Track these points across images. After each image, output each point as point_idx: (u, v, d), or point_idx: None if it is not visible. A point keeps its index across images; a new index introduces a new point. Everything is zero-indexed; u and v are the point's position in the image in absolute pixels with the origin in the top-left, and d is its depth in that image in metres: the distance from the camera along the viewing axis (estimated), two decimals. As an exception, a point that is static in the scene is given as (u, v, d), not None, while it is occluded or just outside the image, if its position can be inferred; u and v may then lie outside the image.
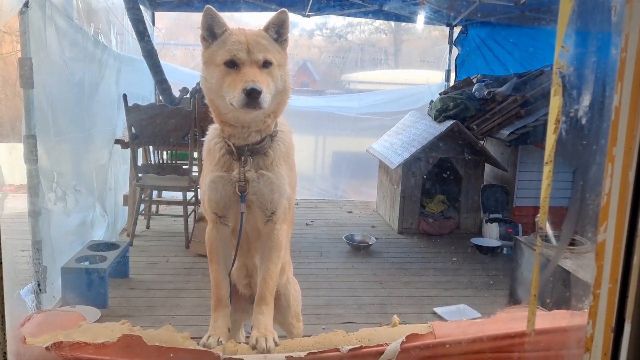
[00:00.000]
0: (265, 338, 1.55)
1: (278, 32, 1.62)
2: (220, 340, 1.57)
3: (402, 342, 1.53)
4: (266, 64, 1.56)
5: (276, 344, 1.56)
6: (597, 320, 1.03)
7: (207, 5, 1.58)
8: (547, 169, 1.05)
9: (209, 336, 1.58)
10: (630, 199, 0.96)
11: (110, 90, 4.58)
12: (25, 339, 1.23)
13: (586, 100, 1.06)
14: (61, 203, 3.47)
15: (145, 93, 5.69)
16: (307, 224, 5.86)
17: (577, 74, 1.05)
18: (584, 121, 1.06)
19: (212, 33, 1.59)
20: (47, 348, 1.16)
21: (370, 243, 5.10)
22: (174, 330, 1.58)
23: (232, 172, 1.65)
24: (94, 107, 4.23)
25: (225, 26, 1.59)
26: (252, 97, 1.47)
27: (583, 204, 1.06)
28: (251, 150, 1.64)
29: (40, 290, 3.07)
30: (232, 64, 1.54)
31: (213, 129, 1.75)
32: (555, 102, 1.04)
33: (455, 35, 6.96)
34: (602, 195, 1.03)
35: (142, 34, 4.84)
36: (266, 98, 1.50)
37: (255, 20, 7.43)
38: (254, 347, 1.54)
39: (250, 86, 1.46)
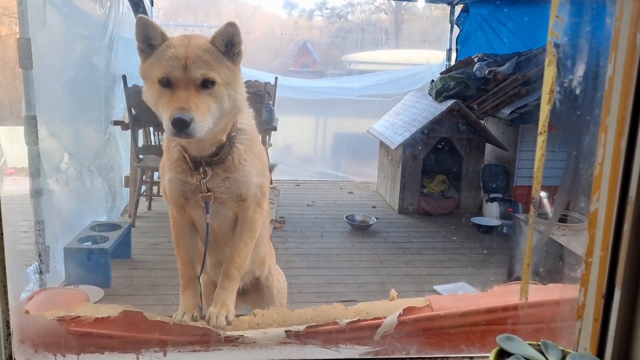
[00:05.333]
0: (218, 315, 1.46)
1: (227, 44, 1.39)
2: (195, 316, 1.49)
3: (400, 315, 1.55)
4: (207, 83, 1.35)
5: (228, 323, 1.46)
6: (588, 287, 1.05)
7: (139, 15, 1.40)
8: (540, 139, 1.06)
9: (184, 313, 1.49)
10: (622, 167, 0.97)
11: (109, 70, 4.56)
12: (28, 312, 1.25)
13: (580, 70, 1.07)
14: (74, 183, 3.50)
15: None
16: (307, 205, 5.88)
17: (572, 44, 1.05)
18: (578, 91, 1.06)
19: (149, 44, 1.39)
20: (59, 320, 1.17)
21: (370, 223, 5.12)
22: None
23: (191, 177, 1.51)
24: (93, 88, 4.23)
25: (163, 36, 1.39)
26: (178, 127, 1.30)
27: (576, 173, 1.07)
28: (209, 162, 1.50)
29: (41, 271, 3.10)
30: (167, 83, 1.35)
31: None
32: (550, 72, 1.05)
33: (456, 13, 6.90)
34: (595, 165, 1.04)
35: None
36: (199, 127, 1.31)
37: None
38: (208, 322, 1.47)
39: (177, 115, 1.29)
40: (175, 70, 1.33)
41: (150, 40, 1.38)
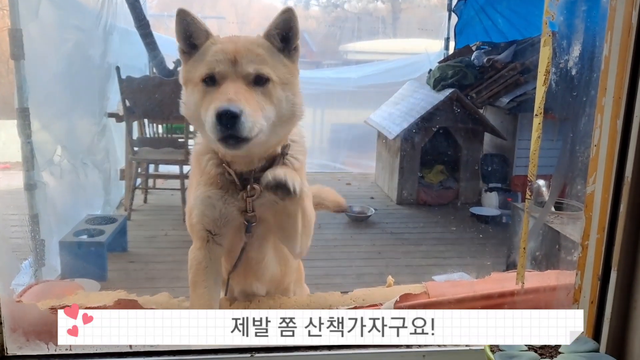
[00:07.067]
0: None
1: (284, 38, 1.19)
2: None
3: (396, 302, 1.54)
4: (259, 80, 1.14)
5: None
6: (585, 270, 1.04)
7: (179, 8, 1.16)
8: (536, 121, 1.05)
9: None
10: (618, 148, 0.95)
11: (103, 62, 4.53)
12: (20, 301, 1.24)
13: (576, 50, 1.05)
14: (68, 176, 3.49)
15: (139, 65, 5.63)
16: (306, 196, 5.86)
17: (568, 24, 1.03)
18: (574, 72, 1.04)
19: (190, 44, 1.18)
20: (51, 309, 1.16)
21: (369, 214, 5.11)
22: (170, 296, 1.58)
23: (234, 194, 1.28)
24: (87, 80, 4.20)
25: (207, 33, 1.18)
26: (224, 124, 1.06)
27: (573, 156, 1.05)
28: (258, 177, 1.24)
29: (37, 264, 3.09)
30: (212, 81, 1.14)
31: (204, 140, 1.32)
32: (545, 53, 1.03)
33: (454, 2, 6.85)
34: (591, 146, 1.03)
35: (135, 6, 4.77)
36: (250, 123, 1.08)
37: None
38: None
39: (223, 107, 1.05)
40: (221, 65, 1.13)
41: (191, 39, 1.18)
